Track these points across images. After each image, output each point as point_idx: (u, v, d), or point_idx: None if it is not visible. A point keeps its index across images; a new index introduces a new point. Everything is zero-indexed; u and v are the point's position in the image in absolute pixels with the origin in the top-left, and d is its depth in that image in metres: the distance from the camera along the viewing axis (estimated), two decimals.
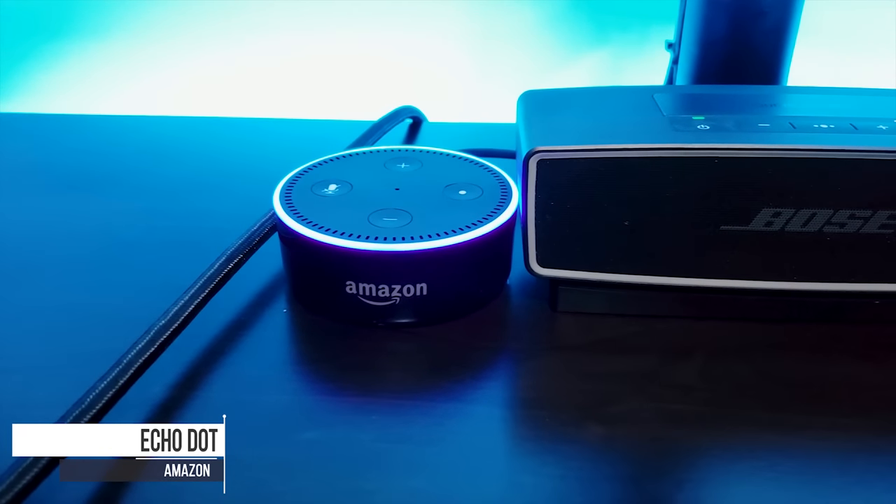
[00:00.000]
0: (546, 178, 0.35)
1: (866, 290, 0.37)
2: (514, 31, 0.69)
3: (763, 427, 0.32)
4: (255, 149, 0.58)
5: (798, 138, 0.35)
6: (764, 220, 0.35)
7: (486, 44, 0.70)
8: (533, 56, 0.70)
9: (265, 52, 0.69)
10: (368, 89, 0.68)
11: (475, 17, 0.69)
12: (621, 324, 0.38)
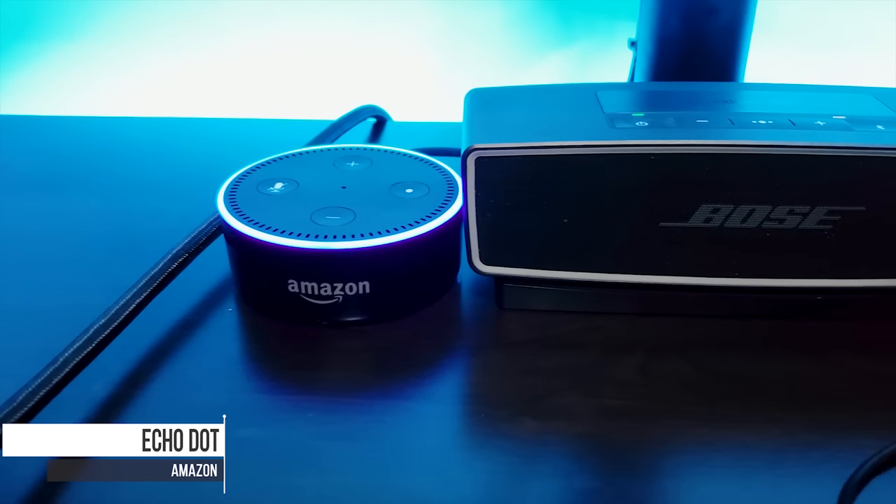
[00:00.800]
0: (485, 176, 0.35)
1: (807, 285, 0.37)
2: (481, 29, 0.69)
3: (698, 422, 0.32)
4: (216, 148, 0.58)
5: (735, 134, 0.35)
6: (703, 217, 0.35)
7: (454, 42, 0.70)
8: (501, 54, 0.70)
9: (232, 52, 0.69)
10: (334, 88, 0.68)
11: (443, 16, 0.69)
12: (566, 320, 0.38)
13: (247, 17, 0.68)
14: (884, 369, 0.35)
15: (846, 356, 0.36)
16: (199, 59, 0.69)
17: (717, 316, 0.38)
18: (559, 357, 0.36)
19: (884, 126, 0.36)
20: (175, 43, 0.69)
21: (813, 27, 0.63)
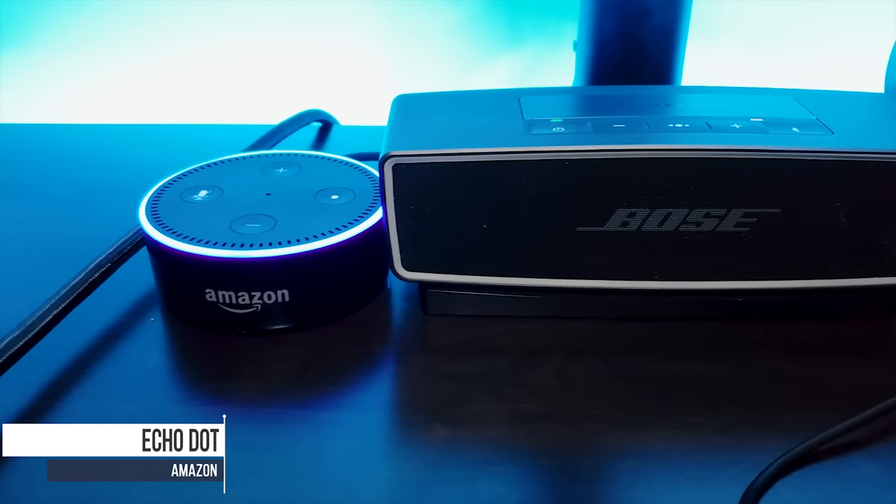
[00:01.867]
0: (403, 183, 0.35)
1: (727, 287, 0.37)
2: (431, 31, 0.69)
3: (609, 426, 0.32)
4: (158, 154, 0.57)
5: (649, 138, 0.35)
6: (619, 221, 0.35)
7: (404, 45, 0.70)
8: (450, 56, 0.70)
9: (181, 57, 0.69)
10: (283, 92, 0.67)
11: (392, 18, 0.69)
12: (488, 325, 0.38)
13: (195, 22, 0.67)
14: (801, 370, 0.35)
15: (764, 358, 0.36)
16: (146, 66, 0.69)
17: (638, 319, 0.38)
18: (479, 362, 0.36)
19: (798, 128, 0.36)
20: (121, 50, 0.68)
21: (755, 27, 0.63)
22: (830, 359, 0.36)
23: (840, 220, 0.35)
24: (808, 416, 0.32)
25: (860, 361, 0.36)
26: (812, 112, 0.38)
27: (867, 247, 0.36)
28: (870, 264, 0.36)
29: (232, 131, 0.59)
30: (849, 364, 0.36)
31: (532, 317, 0.38)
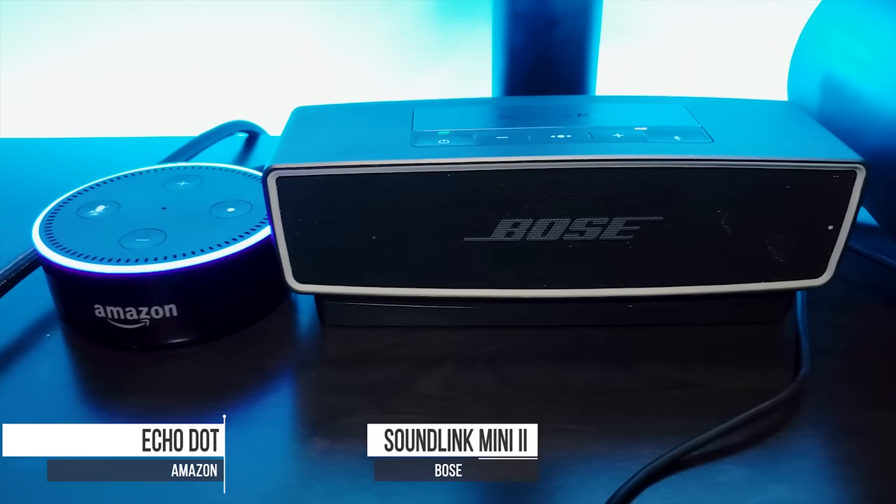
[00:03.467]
0: (288, 196, 0.35)
1: (615, 295, 0.37)
2: (367, 38, 0.69)
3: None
4: (77, 167, 0.57)
5: (530, 150, 0.35)
6: (504, 231, 0.36)
7: (339, 52, 0.70)
8: (387, 65, 0.70)
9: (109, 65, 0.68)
10: (216, 102, 0.67)
11: (325, 27, 0.69)
12: (385, 335, 0.38)
13: (123, 22, 0.66)
14: (685, 376, 0.36)
15: (651, 364, 0.36)
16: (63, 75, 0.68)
17: (530, 327, 0.38)
18: (370, 373, 0.36)
19: (681, 136, 0.36)
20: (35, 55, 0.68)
21: (677, 33, 0.64)
22: (715, 364, 0.37)
23: (722, 226, 0.36)
24: (686, 422, 0.33)
25: (744, 367, 0.36)
26: (699, 120, 0.38)
27: (750, 252, 0.36)
28: (754, 270, 0.37)
29: (152, 144, 0.59)
30: (733, 369, 0.36)
31: (429, 326, 0.39)
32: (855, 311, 0.40)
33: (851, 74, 0.43)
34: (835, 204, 0.35)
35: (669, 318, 0.39)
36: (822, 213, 0.36)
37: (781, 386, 0.34)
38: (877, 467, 0.31)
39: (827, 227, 0.36)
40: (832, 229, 0.36)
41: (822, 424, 0.33)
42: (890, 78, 0.39)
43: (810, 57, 0.47)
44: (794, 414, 0.34)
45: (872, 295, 0.41)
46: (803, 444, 0.32)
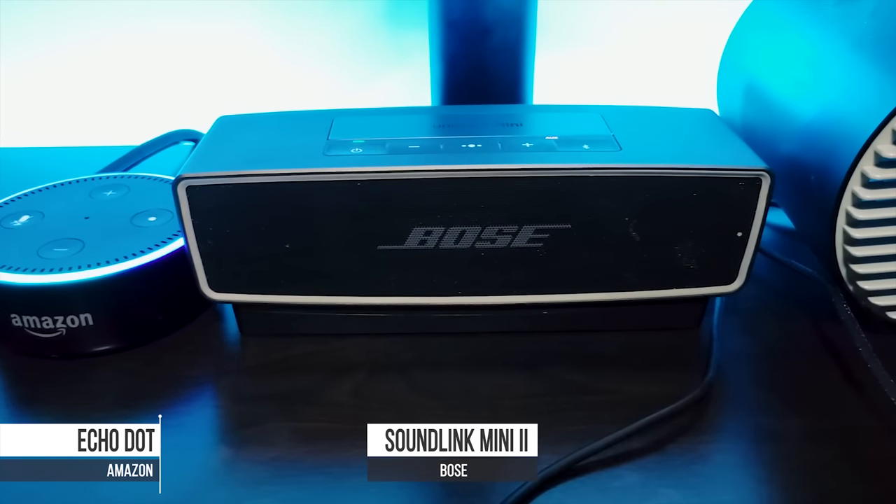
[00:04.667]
0: (200, 204, 0.35)
1: (528, 301, 0.38)
2: (316, 48, 0.70)
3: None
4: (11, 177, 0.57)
5: (439, 159, 0.35)
6: (417, 239, 0.36)
7: (292, 60, 0.70)
8: (339, 73, 0.71)
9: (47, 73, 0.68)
10: (166, 110, 0.67)
11: (275, 35, 0.69)
12: (302, 343, 0.39)
13: (71, 30, 0.66)
14: (593, 382, 0.36)
15: (561, 370, 0.37)
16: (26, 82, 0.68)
17: (446, 334, 0.39)
18: (283, 381, 0.36)
19: (589, 145, 0.37)
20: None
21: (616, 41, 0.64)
22: (626, 370, 0.37)
23: (630, 233, 0.36)
24: (589, 428, 0.33)
25: (655, 373, 0.37)
26: (612, 129, 0.39)
27: (661, 259, 0.37)
28: (665, 276, 0.37)
29: (95, 153, 0.59)
30: (644, 375, 0.37)
31: (347, 334, 0.39)
32: (772, 318, 0.41)
33: (769, 81, 0.43)
34: (742, 211, 0.36)
35: (585, 325, 0.39)
36: (731, 220, 0.36)
37: (689, 392, 0.34)
38: (773, 472, 0.31)
39: (736, 234, 0.36)
40: (741, 236, 0.36)
41: (724, 430, 0.34)
42: (801, 84, 0.40)
43: (734, 63, 0.48)
44: (698, 419, 0.34)
45: (790, 301, 0.42)
46: (702, 450, 0.32)
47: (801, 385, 0.36)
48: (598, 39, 0.64)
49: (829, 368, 0.37)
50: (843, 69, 0.37)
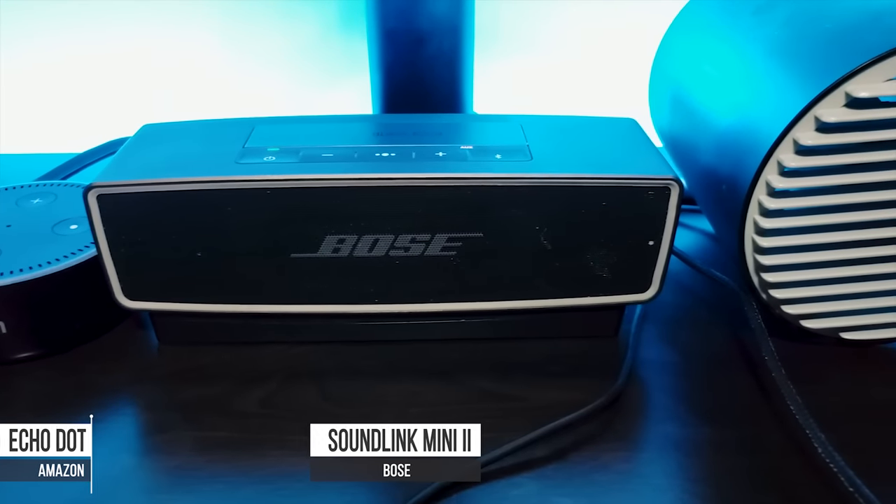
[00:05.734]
0: (111, 213, 0.35)
1: (444, 309, 0.38)
2: (269, 57, 0.70)
3: (288, 451, 0.33)
4: None
5: (351, 168, 0.36)
6: (331, 247, 0.36)
7: (241, 70, 0.70)
8: (291, 82, 0.71)
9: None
10: (112, 119, 0.67)
11: (228, 44, 0.69)
12: (219, 352, 0.39)
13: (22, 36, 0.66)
14: (506, 390, 0.36)
15: (474, 378, 0.37)
16: None
17: (363, 342, 0.39)
18: (194, 390, 0.36)
19: (502, 155, 0.37)
20: None
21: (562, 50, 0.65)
22: (539, 378, 0.37)
23: (542, 242, 0.36)
24: (496, 436, 0.33)
25: (569, 380, 0.37)
26: (528, 139, 0.39)
27: (574, 268, 0.37)
28: (578, 285, 0.37)
29: (38, 161, 0.59)
30: (557, 383, 0.37)
31: (263, 342, 0.39)
32: (692, 326, 0.41)
33: (691, 90, 0.44)
34: (653, 220, 0.36)
35: (502, 333, 0.39)
36: (642, 229, 0.36)
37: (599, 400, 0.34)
38: (673, 481, 0.32)
39: (648, 243, 0.36)
40: (653, 245, 0.36)
41: (629, 438, 0.34)
42: (718, 93, 0.40)
43: (662, 72, 0.48)
44: (605, 428, 0.34)
45: (712, 310, 0.42)
46: (604, 459, 0.32)
47: (711, 394, 0.36)
48: (546, 48, 0.65)
49: (741, 377, 0.37)
50: (755, 78, 0.37)
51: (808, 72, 0.34)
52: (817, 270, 0.36)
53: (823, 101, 0.32)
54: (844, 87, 0.32)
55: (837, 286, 0.36)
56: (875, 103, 0.32)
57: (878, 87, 0.32)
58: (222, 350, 0.39)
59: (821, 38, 0.35)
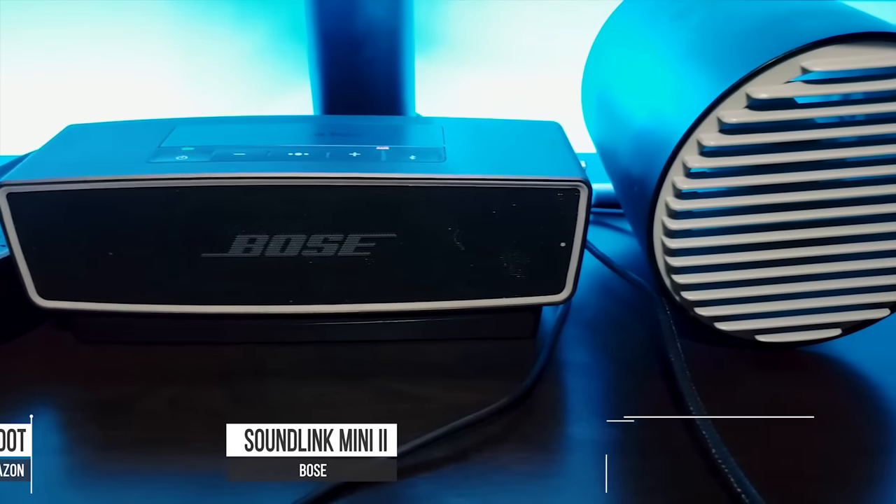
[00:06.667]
0: (22, 212, 0.35)
1: (359, 310, 0.38)
2: (226, 61, 0.70)
3: (187, 450, 0.32)
4: None
5: (260, 167, 0.36)
6: (242, 247, 0.36)
7: (200, 76, 0.70)
8: (248, 85, 0.71)
9: None
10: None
11: (187, 49, 0.69)
12: (135, 352, 0.38)
13: None
14: (417, 391, 0.36)
15: (386, 379, 0.37)
16: None
17: (282, 343, 0.38)
18: (103, 390, 0.36)
19: (416, 156, 0.37)
20: None
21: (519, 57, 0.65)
22: (451, 379, 0.37)
23: (455, 243, 0.36)
24: (399, 436, 0.33)
25: (478, 381, 0.37)
26: (446, 141, 0.39)
27: (488, 269, 0.37)
28: (493, 286, 0.37)
29: None
30: (469, 384, 0.37)
31: (180, 343, 0.39)
32: (613, 328, 0.41)
33: (614, 94, 0.44)
34: (563, 221, 0.36)
35: (420, 334, 0.39)
36: (553, 231, 0.36)
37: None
38: (570, 482, 0.31)
39: (560, 244, 0.36)
40: (565, 246, 0.36)
41: (532, 440, 0.33)
42: (635, 97, 0.40)
43: (591, 77, 0.48)
44: (509, 429, 0.34)
45: (634, 312, 0.42)
46: (504, 459, 0.32)
47: (621, 396, 0.36)
48: (495, 52, 0.65)
49: (653, 379, 0.37)
50: (666, 81, 0.37)
51: (711, 74, 0.34)
52: (729, 272, 0.36)
53: (725, 102, 0.32)
54: (745, 88, 0.32)
55: (749, 288, 0.36)
56: (779, 104, 0.32)
57: (777, 88, 0.32)
58: (140, 350, 0.38)
59: (726, 41, 0.35)
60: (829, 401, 0.36)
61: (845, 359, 0.39)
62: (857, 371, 0.38)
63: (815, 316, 0.37)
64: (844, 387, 0.38)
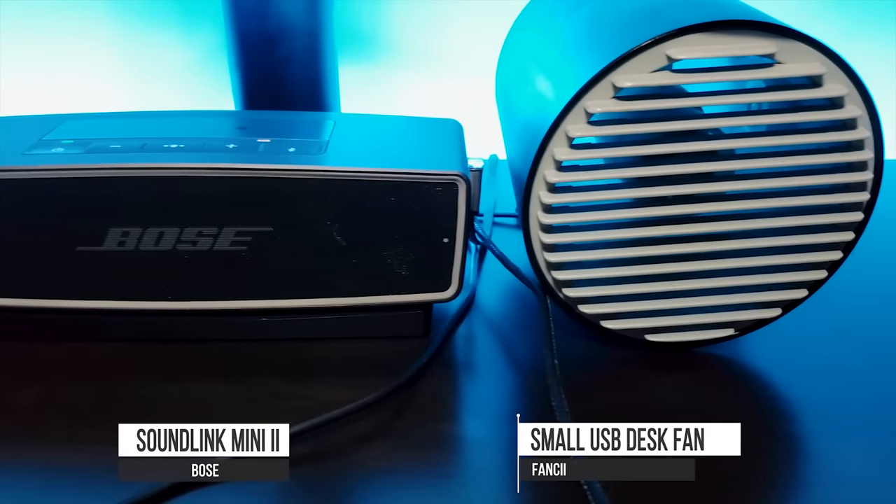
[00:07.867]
0: None
1: (237, 307, 0.37)
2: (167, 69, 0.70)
3: (49, 446, 0.32)
4: None
5: (133, 157, 0.35)
6: (116, 240, 0.35)
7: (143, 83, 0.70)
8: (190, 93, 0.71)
9: None
10: None
11: (127, 58, 0.69)
12: (16, 347, 0.38)
13: None
14: (293, 389, 0.35)
15: (264, 378, 0.36)
16: None
17: (160, 340, 0.38)
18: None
19: (295, 148, 0.36)
20: None
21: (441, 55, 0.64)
22: (332, 377, 0.36)
23: (335, 237, 0.35)
24: None
25: (360, 380, 0.36)
26: (333, 135, 0.38)
27: (371, 265, 0.36)
28: (378, 283, 0.36)
29: None
30: (347, 382, 0.36)
31: (59, 339, 0.38)
32: (509, 326, 0.40)
33: (512, 89, 0.43)
34: (444, 217, 0.35)
35: (306, 332, 0.38)
36: (435, 226, 0.36)
37: (389, 399, 0.33)
38: (421, 478, 0.31)
39: (442, 240, 0.36)
40: (448, 242, 0.36)
41: (393, 436, 0.33)
42: (524, 90, 0.40)
43: (501, 70, 0.47)
44: (378, 426, 0.33)
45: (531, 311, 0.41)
46: (359, 456, 0.31)
47: (497, 394, 0.35)
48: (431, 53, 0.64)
49: (533, 377, 0.36)
50: (546, 74, 0.37)
51: (579, 64, 0.33)
52: (611, 269, 0.35)
53: (591, 92, 0.32)
54: (610, 77, 0.31)
55: (634, 285, 0.35)
56: (658, 94, 0.31)
57: (643, 77, 0.31)
58: (14, 346, 0.38)
59: (602, 31, 0.34)
60: (726, 401, 0.35)
61: (742, 359, 0.38)
62: (753, 372, 0.37)
63: (705, 315, 0.36)
64: (740, 388, 0.37)
